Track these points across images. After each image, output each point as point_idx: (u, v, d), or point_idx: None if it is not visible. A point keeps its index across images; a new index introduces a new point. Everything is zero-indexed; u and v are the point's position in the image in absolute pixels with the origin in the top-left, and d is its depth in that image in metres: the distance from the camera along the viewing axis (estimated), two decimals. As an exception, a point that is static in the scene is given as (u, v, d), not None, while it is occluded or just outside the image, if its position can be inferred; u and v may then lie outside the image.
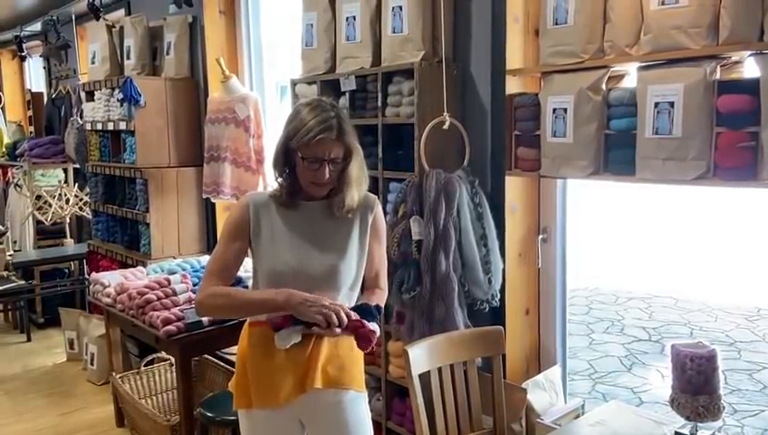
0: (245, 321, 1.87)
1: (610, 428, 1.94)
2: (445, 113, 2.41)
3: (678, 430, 1.82)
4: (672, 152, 1.89)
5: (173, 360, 3.32)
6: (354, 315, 1.65)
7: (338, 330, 1.61)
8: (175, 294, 3.12)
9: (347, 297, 1.80)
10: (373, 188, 2.63)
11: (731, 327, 5.62)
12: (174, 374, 3.40)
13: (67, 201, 5.44)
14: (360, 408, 1.84)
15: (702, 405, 1.75)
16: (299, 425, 1.85)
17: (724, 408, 1.78)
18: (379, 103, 2.60)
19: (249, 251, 1.81)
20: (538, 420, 2.36)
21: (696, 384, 1.76)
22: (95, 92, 4.33)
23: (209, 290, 1.72)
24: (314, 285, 1.73)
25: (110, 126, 4.14)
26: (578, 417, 2.39)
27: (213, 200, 3.91)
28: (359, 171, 1.76)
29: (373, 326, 1.66)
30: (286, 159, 1.74)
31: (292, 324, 1.65)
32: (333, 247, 1.77)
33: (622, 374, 4.64)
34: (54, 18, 5.32)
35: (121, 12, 4.78)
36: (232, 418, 2.66)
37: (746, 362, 4.81)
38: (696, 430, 1.80)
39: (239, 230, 1.77)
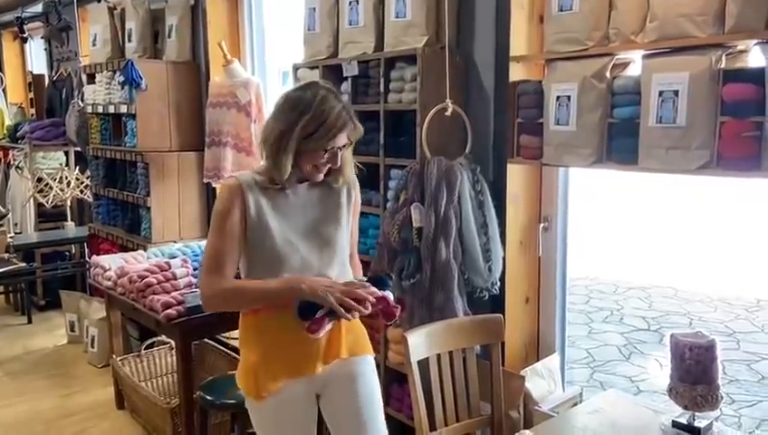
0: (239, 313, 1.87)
1: (608, 416, 1.95)
2: (447, 100, 2.40)
3: (676, 419, 1.83)
4: (676, 141, 1.88)
5: (173, 343, 3.34)
6: (378, 293, 1.70)
7: (367, 312, 1.67)
8: (175, 278, 3.12)
9: (344, 271, 1.86)
10: (374, 174, 2.64)
11: (730, 318, 5.63)
12: (174, 358, 3.42)
13: (68, 184, 5.43)
14: (374, 373, 1.93)
15: (700, 395, 1.75)
16: (315, 399, 1.87)
17: (722, 398, 1.79)
18: (382, 89, 2.58)
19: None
20: (536, 407, 2.37)
21: (695, 374, 1.76)
22: (96, 75, 4.31)
23: (217, 289, 1.71)
24: (315, 262, 1.78)
25: (111, 109, 4.13)
26: (576, 405, 2.39)
27: (214, 185, 3.91)
28: (350, 150, 1.86)
29: (392, 297, 1.73)
30: (289, 145, 1.70)
31: (328, 322, 1.68)
32: (329, 224, 1.82)
33: (621, 363, 4.65)
34: (56, 0, 5.28)
35: (123, -6, 4.75)
36: (231, 401, 2.67)
37: (745, 353, 4.82)
38: (694, 420, 1.81)
39: (234, 217, 1.72)
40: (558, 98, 2.17)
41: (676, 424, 1.82)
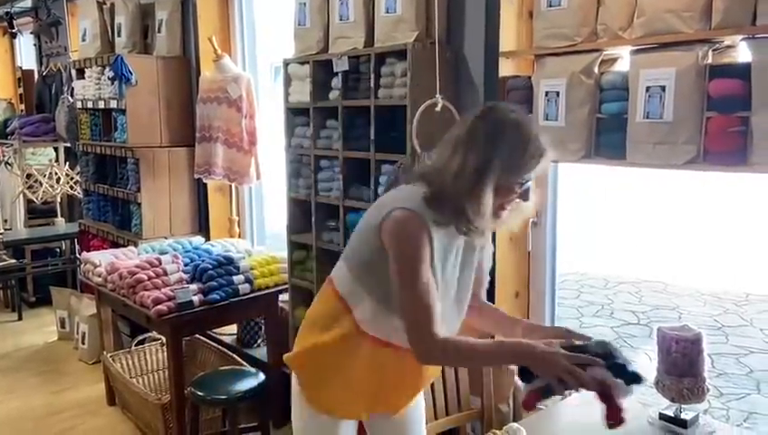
0: (344, 329, 1.61)
1: (596, 409, 1.96)
2: (437, 95, 2.40)
3: (663, 412, 1.85)
4: (663, 137, 1.89)
5: (164, 339, 3.33)
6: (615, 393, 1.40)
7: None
8: (166, 274, 3.11)
9: None
10: (365, 169, 2.64)
11: (719, 312, 5.68)
12: (165, 354, 3.41)
13: (58, 180, 5.40)
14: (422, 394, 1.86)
15: (686, 387, 1.77)
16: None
17: (708, 390, 1.81)
18: (372, 84, 2.58)
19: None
20: (525, 401, 2.38)
21: (681, 367, 1.78)
22: (86, 70, 4.29)
23: (449, 348, 1.50)
24: (460, 308, 1.66)
25: (101, 104, 4.11)
26: (564, 398, 2.41)
27: (205, 181, 3.90)
28: None
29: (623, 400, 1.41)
30: (488, 180, 1.46)
31: (543, 399, 1.48)
32: (469, 288, 1.68)
33: (611, 357, 4.68)
34: (45, -6, 5.25)
35: (112, -12, 4.72)
36: (222, 397, 2.68)
37: (733, 347, 4.87)
38: (681, 412, 1.83)
39: (428, 256, 1.49)
40: (547, 93, 2.18)
41: (662, 416, 1.84)
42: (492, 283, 2.43)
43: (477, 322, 1.78)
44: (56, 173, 5.42)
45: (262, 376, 2.82)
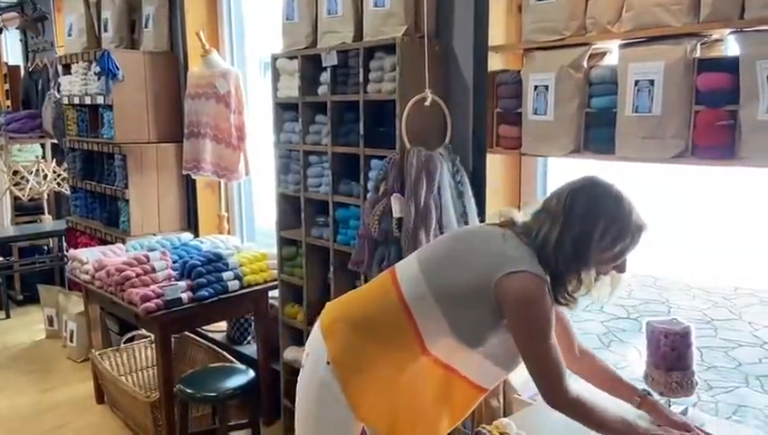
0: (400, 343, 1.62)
1: (586, 403, 1.96)
2: (427, 90, 2.39)
3: (652, 406, 1.85)
4: (651, 131, 1.89)
5: (153, 337, 3.31)
6: None
7: None
8: (154, 271, 3.09)
9: None
10: (354, 165, 2.63)
11: (708, 306, 5.72)
12: (154, 351, 3.39)
13: (45, 177, 5.36)
14: None
15: (675, 381, 1.78)
16: None
17: (697, 383, 1.81)
18: (361, 79, 2.56)
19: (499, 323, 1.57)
20: (515, 395, 2.38)
21: (670, 360, 1.79)
22: (72, 66, 4.24)
23: (570, 399, 1.57)
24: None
25: (88, 100, 4.06)
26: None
27: (193, 177, 3.87)
28: None
29: None
30: (592, 257, 1.54)
31: None
32: None
33: (601, 351, 4.70)
34: (30, -11, 5.20)
35: (99, -17, 4.67)
36: (211, 394, 2.67)
37: (722, 340, 4.90)
38: (670, 405, 1.83)
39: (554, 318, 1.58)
40: (536, 87, 2.17)
41: (652, 410, 1.84)
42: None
43: (576, 370, 1.91)
44: (43, 170, 5.37)
45: (251, 373, 2.81)
